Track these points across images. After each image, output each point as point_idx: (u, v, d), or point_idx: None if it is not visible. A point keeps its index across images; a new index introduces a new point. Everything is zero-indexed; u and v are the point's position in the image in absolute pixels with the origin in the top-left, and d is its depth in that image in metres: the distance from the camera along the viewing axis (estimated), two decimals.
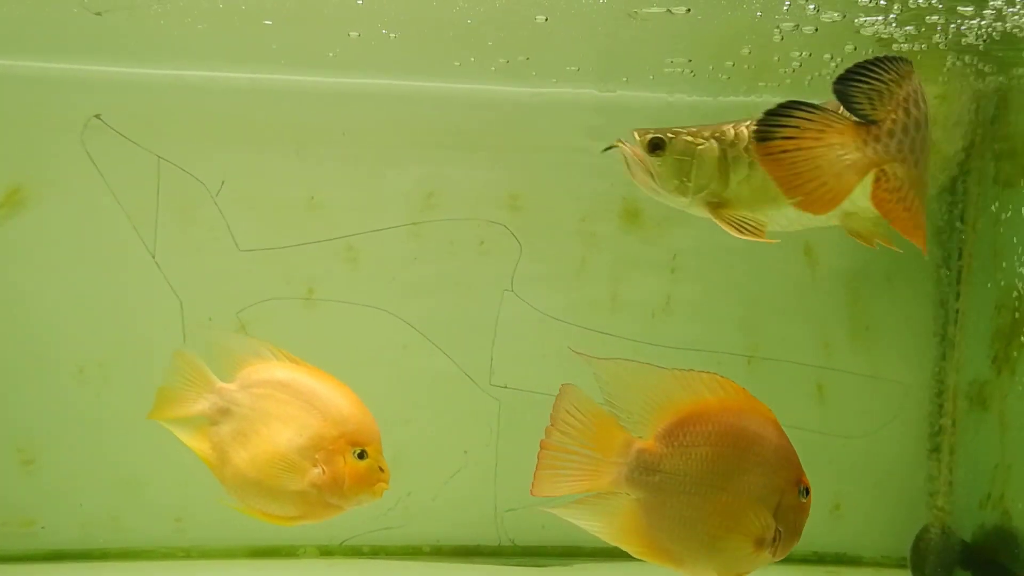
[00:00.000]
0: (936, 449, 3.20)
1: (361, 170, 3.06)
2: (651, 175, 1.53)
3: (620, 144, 1.56)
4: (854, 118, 1.39)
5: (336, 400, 1.87)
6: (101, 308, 2.98)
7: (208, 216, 3.00)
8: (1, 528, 2.97)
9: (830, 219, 1.55)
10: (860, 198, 1.47)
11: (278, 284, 3.05)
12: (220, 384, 1.98)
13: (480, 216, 3.10)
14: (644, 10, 2.34)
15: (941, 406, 3.19)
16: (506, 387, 3.12)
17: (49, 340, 2.96)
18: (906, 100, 1.38)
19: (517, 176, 3.10)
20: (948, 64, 2.72)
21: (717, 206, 1.54)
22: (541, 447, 1.60)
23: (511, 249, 3.11)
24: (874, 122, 1.38)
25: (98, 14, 2.66)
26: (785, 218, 1.55)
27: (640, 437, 1.62)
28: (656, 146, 1.52)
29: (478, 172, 3.09)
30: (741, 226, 1.55)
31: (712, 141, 1.51)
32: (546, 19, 2.44)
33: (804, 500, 1.62)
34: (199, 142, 3.01)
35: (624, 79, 3.05)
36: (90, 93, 2.94)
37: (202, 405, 1.97)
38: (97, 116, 2.94)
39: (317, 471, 1.83)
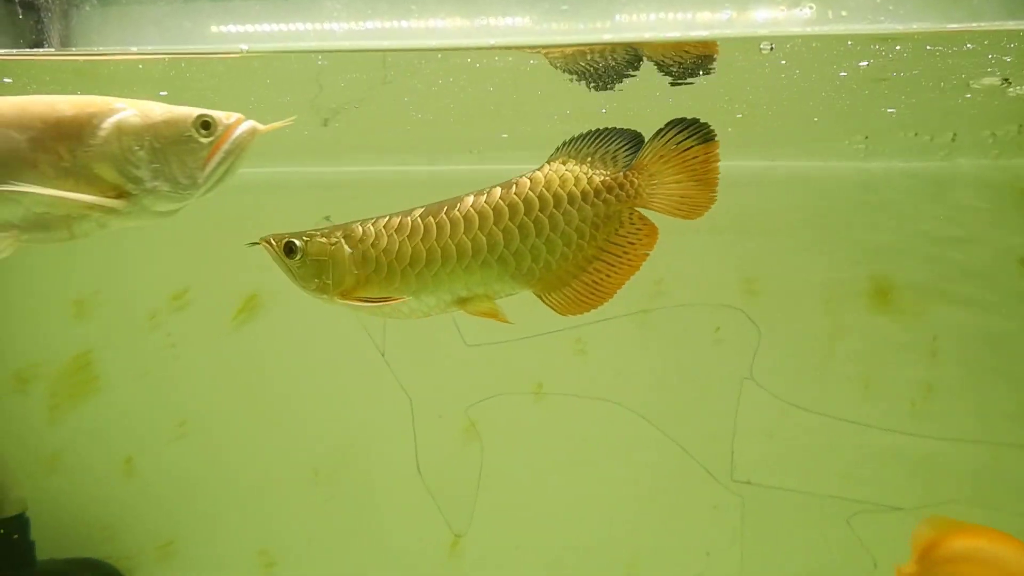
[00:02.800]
0: None
1: None
2: (292, 275, 1.57)
3: (264, 244, 1.56)
4: None
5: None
6: (333, 408, 2.98)
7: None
8: None
9: (448, 307, 1.58)
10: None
11: (506, 378, 2.97)
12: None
13: (714, 301, 2.92)
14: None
15: None
16: (749, 483, 2.91)
17: (286, 443, 2.98)
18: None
19: (753, 258, 2.90)
20: None
21: (344, 294, 1.56)
22: None
23: (749, 335, 2.91)
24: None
25: (324, 122, 2.69)
26: (407, 307, 1.57)
27: None
28: (290, 250, 1.54)
29: (710, 255, 2.91)
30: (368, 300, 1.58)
31: (342, 240, 1.55)
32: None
33: None
34: None
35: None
36: (318, 193, 2.97)
37: None
38: (327, 217, 2.95)
39: None
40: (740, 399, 2.92)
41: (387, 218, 1.56)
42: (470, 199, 1.54)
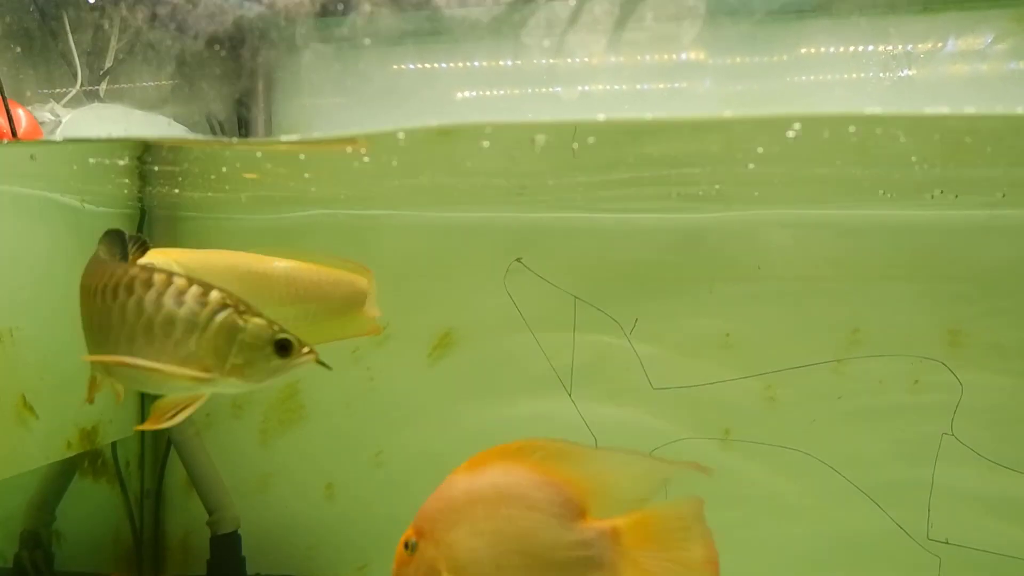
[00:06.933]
0: None
1: (778, 305, 2.92)
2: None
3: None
4: None
5: None
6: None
7: (622, 355, 3.00)
8: None
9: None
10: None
11: (693, 423, 2.97)
12: None
13: (913, 352, 2.83)
14: None
15: None
16: (947, 542, 2.80)
17: None
18: None
19: (957, 307, 2.80)
20: None
21: None
22: None
23: (950, 388, 2.81)
24: None
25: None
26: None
27: None
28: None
29: (911, 303, 2.83)
30: None
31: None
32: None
33: None
34: (611, 281, 3.02)
35: None
36: (511, 238, 3.07)
37: None
38: (518, 259, 3.05)
39: None
40: (939, 454, 2.82)
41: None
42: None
